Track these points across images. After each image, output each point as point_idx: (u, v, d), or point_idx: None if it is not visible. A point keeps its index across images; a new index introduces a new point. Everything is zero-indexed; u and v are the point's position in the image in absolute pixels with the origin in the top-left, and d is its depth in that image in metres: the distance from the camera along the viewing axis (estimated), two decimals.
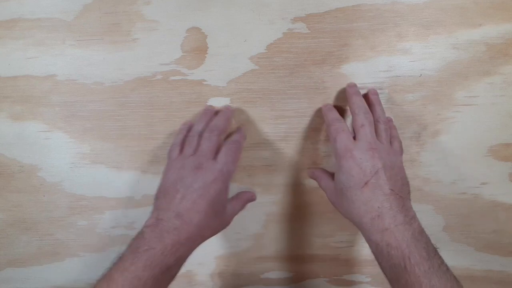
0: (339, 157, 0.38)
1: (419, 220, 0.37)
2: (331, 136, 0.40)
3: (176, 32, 0.45)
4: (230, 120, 0.45)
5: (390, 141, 0.41)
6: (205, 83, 0.46)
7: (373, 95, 0.43)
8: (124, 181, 0.48)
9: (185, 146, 0.42)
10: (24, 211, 0.50)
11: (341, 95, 0.45)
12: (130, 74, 0.46)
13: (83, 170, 0.48)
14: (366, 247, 0.50)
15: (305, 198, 0.49)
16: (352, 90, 0.43)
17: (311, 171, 0.47)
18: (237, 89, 0.46)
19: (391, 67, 0.44)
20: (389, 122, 0.44)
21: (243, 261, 0.52)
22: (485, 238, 0.48)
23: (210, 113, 0.45)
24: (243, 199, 0.46)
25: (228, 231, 0.50)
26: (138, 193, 0.49)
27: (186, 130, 0.44)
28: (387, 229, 0.34)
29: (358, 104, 0.41)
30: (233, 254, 0.51)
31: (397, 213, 0.35)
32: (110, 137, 0.47)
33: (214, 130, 0.42)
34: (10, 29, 0.45)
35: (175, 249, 0.36)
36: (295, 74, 0.45)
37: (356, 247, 0.51)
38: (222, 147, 0.42)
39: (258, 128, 0.47)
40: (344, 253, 0.51)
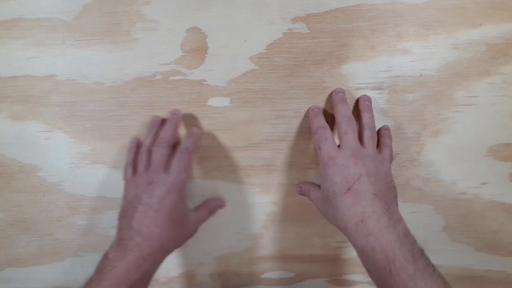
0: (324, 165, 0.39)
1: (405, 223, 0.37)
2: (315, 144, 0.41)
3: (176, 32, 0.45)
4: (178, 127, 0.45)
5: (380, 148, 0.42)
6: (205, 83, 0.46)
7: (364, 101, 0.44)
8: None
9: (137, 164, 0.44)
10: (24, 211, 0.50)
11: None
12: (130, 74, 0.46)
13: (83, 170, 0.48)
14: None
15: (305, 198, 0.49)
16: (337, 97, 0.43)
17: (298, 187, 0.47)
18: (237, 89, 0.46)
19: (391, 67, 0.44)
20: (385, 130, 0.44)
21: (243, 261, 0.52)
22: (485, 238, 0.48)
23: (157, 123, 0.45)
24: (210, 206, 0.47)
25: (228, 231, 0.50)
26: None
27: (135, 147, 0.45)
28: (371, 233, 0.35)
29: (342, 112, 0.41)
30: (233, 254, 0.51)
31: (380, 217, 0.35)
32: (110, 137, 0.47)
33: (162, 143, 0.42)
34: (10, 29, 0.45)
35: (138, 264, 0.36)
36: (295, 74, 0.45)
37: None
38: (173, 156, 0.42)
39: (258, 128, 0.47)
40: (344, 253, 0.51)
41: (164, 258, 0.40)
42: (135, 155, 0.45)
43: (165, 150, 0.42)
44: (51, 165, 0.48)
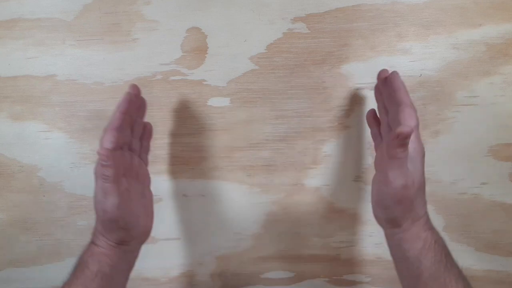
0: (419, 151, 0.38)
1: None
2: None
3: (176, 32, 0.45)
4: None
5: None
6: (205, 83, 0.46)
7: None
8: None
9: None
10: (24, 211, 0.50)
11: (341, 94, 0.45)
12: (130, 74, 0.46)
13: (83, 170, 0.48)
14: (366, 247, 0.50)
15: (305, 198, 0.49)
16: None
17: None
18: (237, 89, 0.46)
19: (391, 67, 0.44)
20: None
21: (243, 261, 0.52)
22: (485, 238, 0.48)
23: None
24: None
25: (228, 231, 0.50)
26: None
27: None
28: (432, 228, 0.37)
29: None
30: (233, 254, 0.51)
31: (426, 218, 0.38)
32: None
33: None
34: (10, 29, 0.45)
35: (102, 255, 0.37)
36: (295, 74, 0.45)
37: (356, 247, 0.51)
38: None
39: (258, 128, 0.47)
40: (344, 253, 0.51)
41: (133, 251, 0.39)
42: None
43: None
44: (51, 165, 0.48)
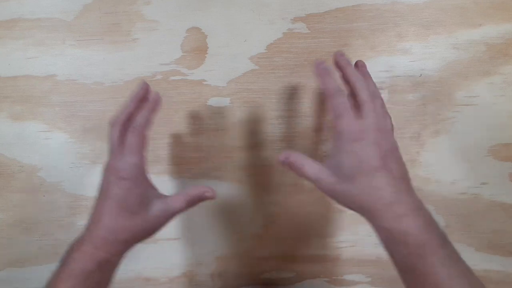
0: (345, 140, 0.34)
1: (425, 205, 0.35)
2: (333, 112, 0.35)
3: (176, 32, 0.45)
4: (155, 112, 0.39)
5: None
6: (205, 83, 0.46)
7: (363, 67, 0.39)
8: None
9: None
10: (24, 211, 0.50)
11: None
12: (130, 74, 0.46)
13: (83, 170, 0.48)
14: (366, 247, 0.50)
15: (305, 198, 0.49)
16: (344, 60, 0.38)
17: (285, 156, 0.37)
18: (237, 89, 0.46)
19: (391, 67, 0.44)
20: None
21: (243, 261, 0.52)
22: (485, 238, 0.48)
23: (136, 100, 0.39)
24: (190, 195, 0.38)
25: (228, 231, 0.50)
26: None
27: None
28: (403, 215, 0.32)
29: (357, 76, 0.36)
30: (233, 254, 0.51)
31: (409, 198, 0.33)
32: None
33: (112, 125, 0.37)
34: (10, 29, 0.45)
35: (91, 254, 0.35)
36: (295, 74, 0.45)
37: (356, 247, 0.51)
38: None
39: (258, 128, 0.47)
40: (344, 253, 0.51)
41: (123, 251, 0.36)
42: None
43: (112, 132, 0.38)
44: (51, 165, 0.48)
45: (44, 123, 0.47)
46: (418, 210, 0.33)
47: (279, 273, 0.52)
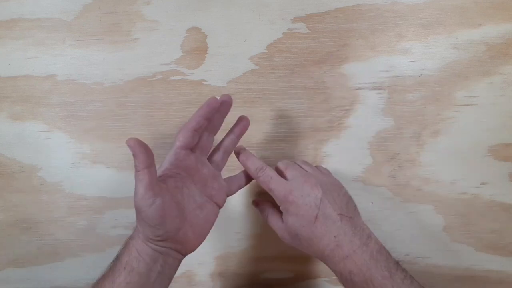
0: (281, 203, 0.38)
1: (374, 236, 0.37)
2: (264, 187, 0.39)
3: (176, 32, 0.45)
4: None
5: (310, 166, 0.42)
6: (205, 83, 0.46)
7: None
8: (124, 181, 0.48)
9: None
10: (24, 211, 0.50)
11: (341, 94, 0.45)
12: (130, 74, 0.46)
13: (83, 170, 0.48)
14: None
15: None
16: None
17: (255, 202, 0.45)
18: (237, 89, 0.46)
19: (391, 67, 0.44)
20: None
21: (243, 261, 0.52)
22: (485, 238, 0.48)
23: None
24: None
25: (228, 231, 0.50)
26: None
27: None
28: (347, 256, 0.35)
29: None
30: (233, 254, 0.51)
31: (352, 237, 0.35)
32: (110, 137, 0.47)
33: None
34: (10, 29, 0.45)
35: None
36: (295, 74, 0.45)
37: None
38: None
39: (258, 128, 0.47)
40: None
41: (170, 250, 0.35)
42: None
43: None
44: (51, 165, 0.48)
45: (44, 123, 0.47)
46: (364, 246, 0.35)
47: (279, 273, 0.52)
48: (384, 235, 0.42)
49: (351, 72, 0.45)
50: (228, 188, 0.40)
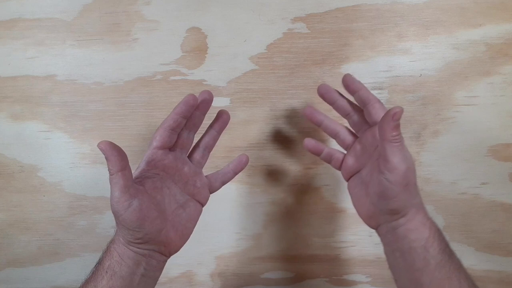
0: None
1: None
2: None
3: (176, 32, 0.45)
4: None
5: None
6: (205, 83, 0.46)
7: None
8: None
9: None
10: (24, 211, 0.50)
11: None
12: (130, 74, 0.46)
13: (83, 170, 0.48)
14: (366, 247, 0.50)
15: (305, 198, 0.49)
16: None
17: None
18: (237, 89, 0.46)
19: (391, 67, 0.44)
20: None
21: (243, 261, 0.52)
22: (485, 238, 0.48)
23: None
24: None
25: (228, 231, 0.50)
26: None
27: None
28: (425, 223, 0.35)
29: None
30: (233, 254, 0.51)
31: (425, 208, 0.36)
32: (110, 137, 0.47)
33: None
34: (10, 29, 0.45)
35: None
36: (295, 74, 0.45)
37: (356, 247, 0.51)
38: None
39: (258, 128, 0.47)
40: (344, 253, 0.51)
41: (152, 252, 0.35)
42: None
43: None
44: (51, 165, 0.48)
45: (44, 123, 0.47)
46: (432, 219, 0.36)
47: (279, 273, 0.52)
48: None
49: (351, 72, 0.44)
50: (210, 185, 0.39)
